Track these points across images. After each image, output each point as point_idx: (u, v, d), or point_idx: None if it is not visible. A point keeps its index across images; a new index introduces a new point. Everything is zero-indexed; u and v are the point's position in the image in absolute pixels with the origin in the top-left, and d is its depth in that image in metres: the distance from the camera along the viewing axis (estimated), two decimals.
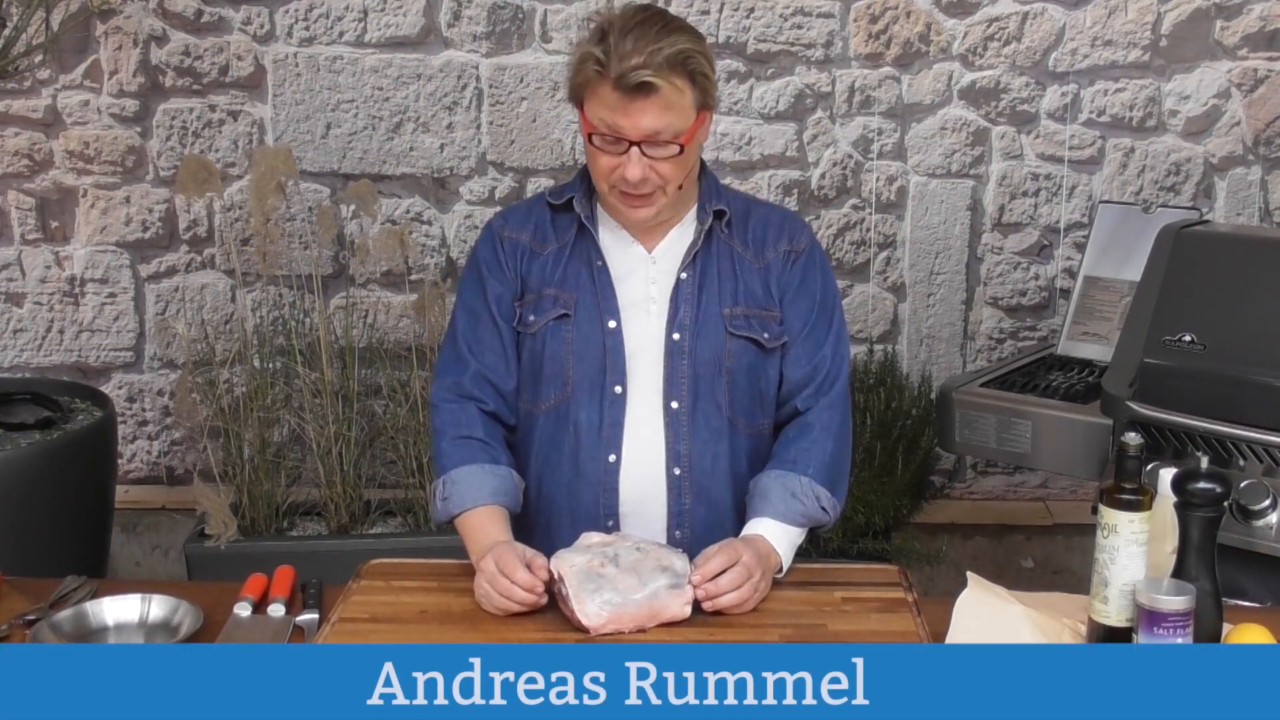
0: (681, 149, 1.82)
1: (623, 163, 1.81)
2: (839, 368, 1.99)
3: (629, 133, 1.79)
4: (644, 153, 1.81)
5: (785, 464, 1.92)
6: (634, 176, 1.81)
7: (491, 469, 1.92)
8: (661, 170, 1.83)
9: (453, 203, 3.42)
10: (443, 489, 1.92)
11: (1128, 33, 3.28)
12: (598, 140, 1.82)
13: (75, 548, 2.93)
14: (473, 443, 1.93)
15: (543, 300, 1.95)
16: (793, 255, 1.98)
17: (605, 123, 1.80)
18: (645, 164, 1.81)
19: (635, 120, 1.78)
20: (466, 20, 3.31)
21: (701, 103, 1.84)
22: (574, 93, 1.86)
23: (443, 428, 1.96)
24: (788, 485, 1.89)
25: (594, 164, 1.86)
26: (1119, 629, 1.60)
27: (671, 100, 1.79)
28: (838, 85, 3.33)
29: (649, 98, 1.77)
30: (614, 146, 1.81)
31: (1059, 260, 3.41)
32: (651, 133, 1.79)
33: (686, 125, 1.82)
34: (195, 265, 3.46)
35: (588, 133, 1.83)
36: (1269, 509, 2.10)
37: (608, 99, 1.79)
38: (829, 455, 1.94)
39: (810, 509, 1.89)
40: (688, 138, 1.82)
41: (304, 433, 3.13)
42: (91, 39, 3.33)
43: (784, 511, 1.87)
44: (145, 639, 1.71)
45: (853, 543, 3.00)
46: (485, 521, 1.87)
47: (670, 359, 1.92)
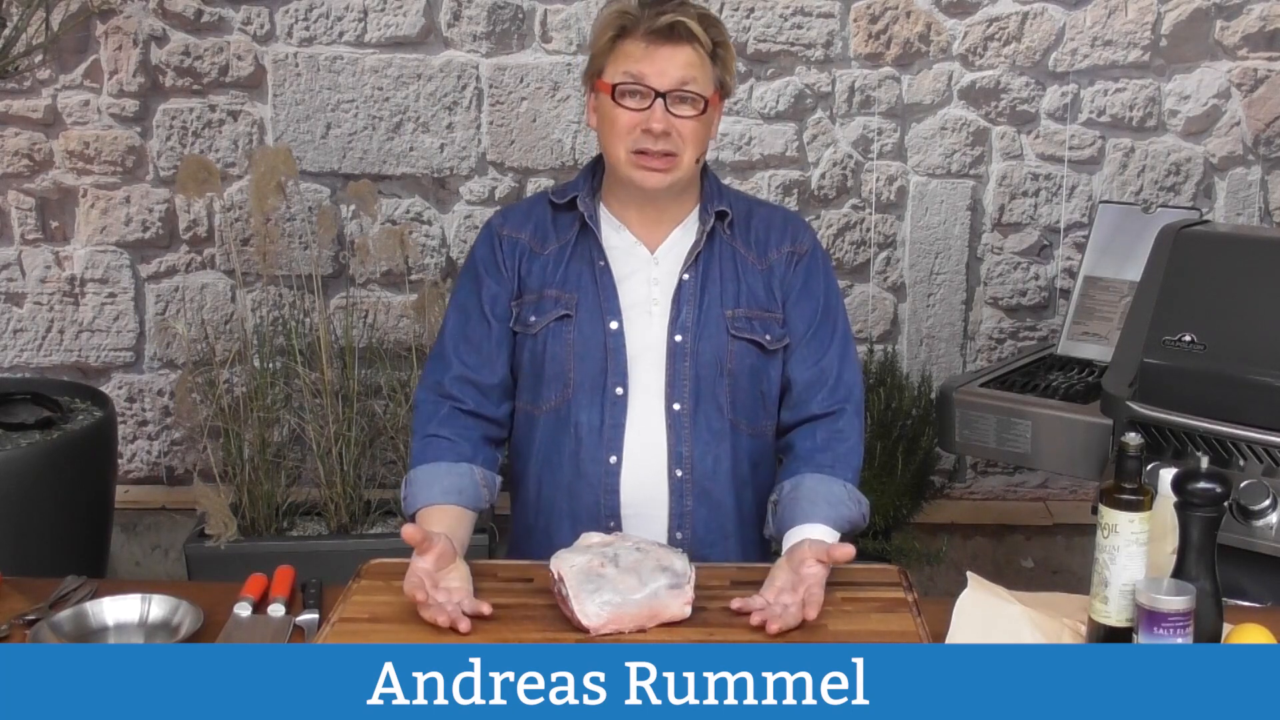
0: (705, 106, 1.85)
1: (647, 116, 1.83)
2: (854, 378, 1.99)
3: (655, 81, 1.83)
4: (668, 108, 1.83)
5: (823, 468, 1.91)
6: (658, 126, 1.83)
7: (449, 467, 1.91)
8: (682, 130, 1.85)
9: (453, 203, 3.42)
10: (405, 488, 1.93)
11: (1128, 33, 3.28)
12: (621, 93, 1.84)
13: (75, 548, 2.92)
14: (440, 441, 1.93)
15: (543, 301, 1.95)
16: (795, 257, 1.98)
17: (630, 74, 1.83)
18: (669, 119, 1.83)
19: (662, 67, 1.82)
20: (466, 20, 3.31)
21: (720, 80, 1.89)
22: (594, 59, 1.89)
23: (416, 427, 1.98)
24: (833, 491, 1.88)
25: (613, 125, 1.87)
26: (1119, 629, 1.60)
27: (695, 59, 1.84)
28: (838, 85, 3.33)
29: (677, 46, 1.82)
30: (638, 101, 1.84)
31: (1059, 260, 3.41)
32: (678, 82, 1.83)
33: (708, 90, 1.86)
34: (195, 265, 3.46)
35: (610, 89, 1.85)
36: (1269, 509, 2.10)
37: (634, 51, 1.83)
38: (858, 462, 1.95)
39: (853, 514, 1.89)
40: (708, 106, 1.86)
41: (304, 433, 3.13)
42: (91, 39, 3.33)
43: (833, 517, 1.86)
44: (145, 639, 1.71)
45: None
46: (433, 519, 1.85)
47: (672, 361, 1.92)
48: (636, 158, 1.86)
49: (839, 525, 1.86)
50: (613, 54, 1.86)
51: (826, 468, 1.90)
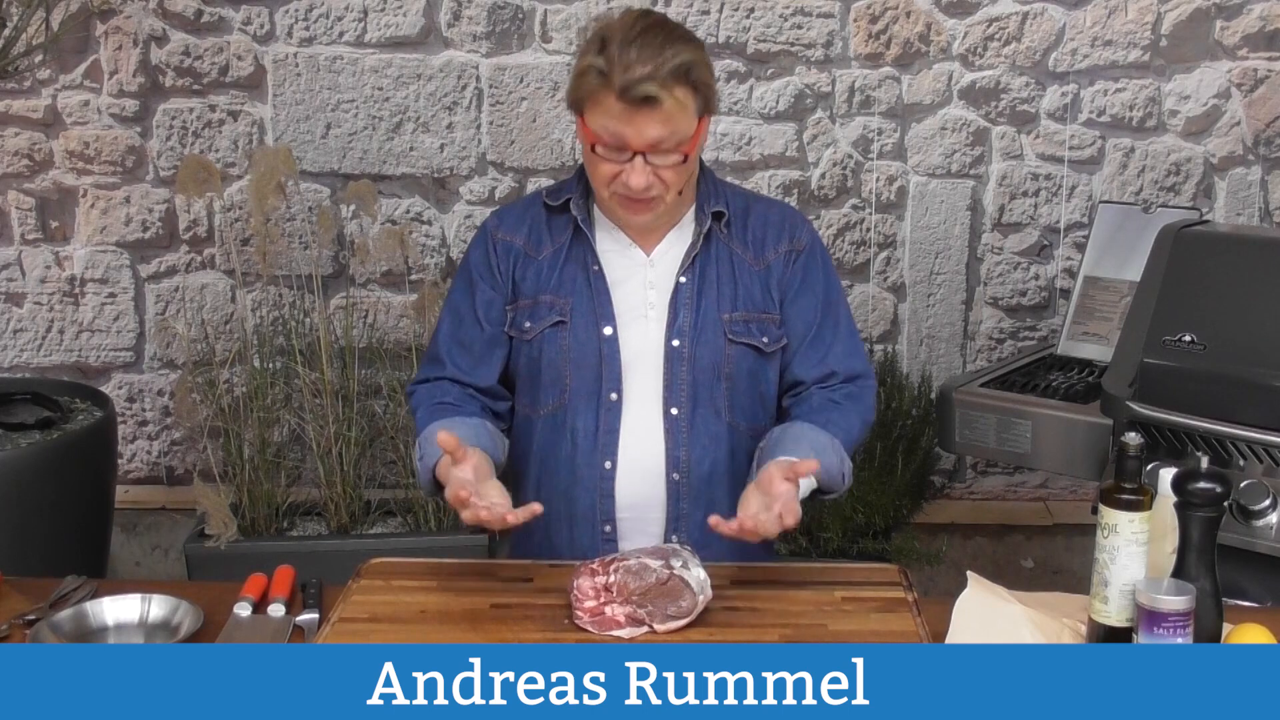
0: (685, 157, 1.82)
1: (626, 170, 1.81)
2: (861, 361, 1.99)
3: (633, 142, 1.79)
4: (647, 161, 1.80)
5: (816, 418, 1.90)
6: (638, 185, 1.81)
7: (461, 420, 1.90)
8: (664, 176, 1.82)
9: (453, 203, 3.42)
10: (419, 452, 1.90)
11: (1128, 33, 3.28)
12: (600, 149, 1.81)
13: (75, 548, 2.92)
14: (445, 406, 1.94)
15: (539, 306, 1.94)
16: (794, 254, 1.98)
17: (609, 131, 1.79)
18: (648, 171, 1.81)
19: (640, 130, 1.78)
20: (466, 20, 3.31)
21: (703, 108, 1.84)
22: (574, 104, 1.84)
23: (417, 404, 1.99)
24: (819, 438, 1.86)
25: (594, 171, 1.85)
26: (1119, 629, 1.60)
27: (675, 111, 1.78)
28: (838, 85, 3.33)
29: (654, 110, 1.77)
30: (617, 155, 1.81)
31: (1059, 260, 3.41)
32: (656, 141, 1.79)
33: (690, 133, 1.82)
34: (195, 265, 3.46)
35: (590, 143, 1.82)
36: (1269, 509, 2.10)
37: (611, 109, 1.77)
38: (855, 432, 1.95)
39: (834, 468, 1.86)
40: (690, 145, 1.82)
41: (304, 433, 3.13)
42: (91, 39, 3.33)
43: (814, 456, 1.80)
44: (145, 639, 1.71)
45: (853, 543, 3.00)
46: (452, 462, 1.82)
47: (670, 365, 1.92)
48: (620, 200, 1.85)
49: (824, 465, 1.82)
50: (591, 101, 1.80)
51: (820, 419, 1.90)
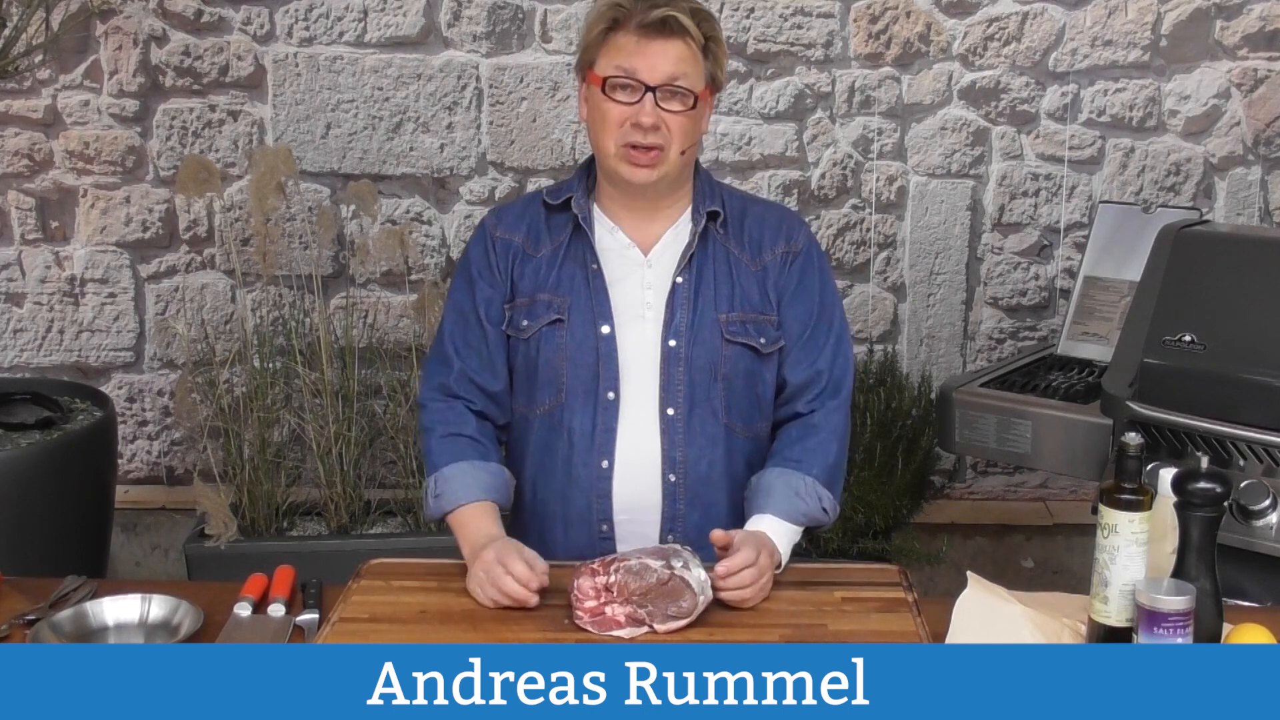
0: (695, 102, 1.85)
1: (636, 110, 1.83)
2: (844, 371, 1.99)
3: (646, 75, 1.82)
4: (658, 102, 1.83)
5: (789, 463, 1.91)
6: (648, 121, 1.83)
7: (482, 465, 1.92)
8: (671, 124, 1.85)
9: (453, 203, 3.42)
10: (434, 486, 1.93)
11: (1128, 33, 3.28)
12: (612, 87, 1.84)
13: (75, 548, 2.92)
14: (462, 440, 1.94)
15: (536, 305, 1.94)
16: (790, 256, 1.97)
17: (622, 68, 1.83)
18: (658, 114, 1.84)
19: (653, 61, 1.82)
20: (466, 20, 3.31)
21: (711, 75, 1.88)
22: (586, 50, 1.88)
23: (431, 425, 1.97)
24: (791, 484, 1.89)
25: (603, 120, 1.87)
26: (1119, 629, 1.60)
27: (686, 54, 1.83)
28: (838, 85, 3.33)
29: (669, 40, 1.82)
30: (628, 95, 1.84)
31: (1059, 260, 3.41)
32: (668, 77, 1.83)
33: (698, 88, 1.85)
34: (195, 265, 3.46)
35: (600, 82, 1.85)
36: (1269, 509, 2.10)
37: (625, 44, 1.83)
38: (832, 458, 1.94)
39: (812, 509, 1.89)
40: (698, 101, 1.85)
41: (304, 433, 3.13)
42: (91, 39, 3.33)
43: (787, 510, 1.87)
44: (145, 639, 1.71)
45: (853, 543, 3.00)
46: (478, 516, 1.87)
47: (666, 365, 1.92)
48: (624, 151, 1.87)
49: (794, 518, 1.87)
50: (604, 46, 1.86)
51: (793, 462, 1.91)
